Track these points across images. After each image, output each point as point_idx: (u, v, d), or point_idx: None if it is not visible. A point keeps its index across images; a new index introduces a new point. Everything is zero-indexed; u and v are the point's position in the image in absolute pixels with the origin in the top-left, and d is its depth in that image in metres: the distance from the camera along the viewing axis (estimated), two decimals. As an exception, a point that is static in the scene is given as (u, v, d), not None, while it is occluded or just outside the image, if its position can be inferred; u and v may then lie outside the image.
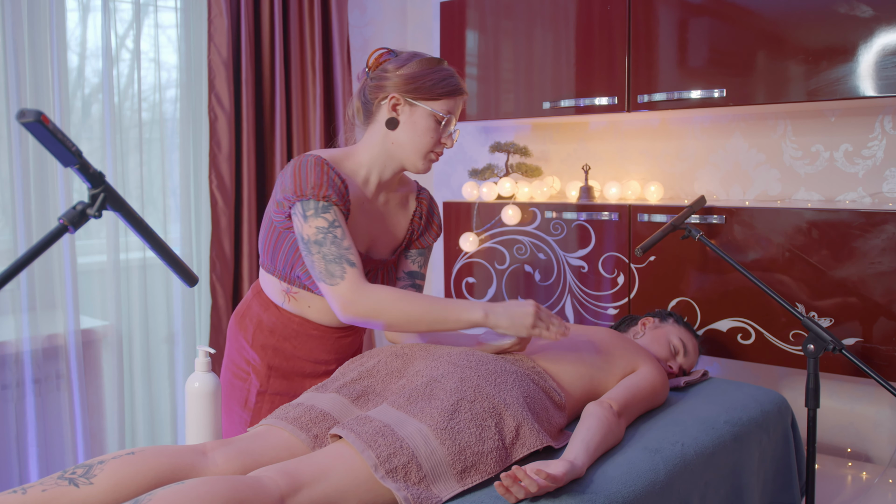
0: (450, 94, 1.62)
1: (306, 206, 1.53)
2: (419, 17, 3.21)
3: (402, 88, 1.60)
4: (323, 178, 1.54)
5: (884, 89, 1.90)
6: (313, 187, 1.53)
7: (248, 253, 2.64)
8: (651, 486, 1.38)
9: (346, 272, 1.50)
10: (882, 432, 2.25)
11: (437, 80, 1.61)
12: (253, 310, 1.73)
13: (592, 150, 2.73)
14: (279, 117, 2.69)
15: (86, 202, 1.12)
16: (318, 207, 1.52)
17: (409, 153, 1.63)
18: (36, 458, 2.20)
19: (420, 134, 1.61)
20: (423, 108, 1.60)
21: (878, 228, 1.92)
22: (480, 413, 1.35)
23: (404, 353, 1.58)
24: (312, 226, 1.52)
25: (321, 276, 1.52)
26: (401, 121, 1.62)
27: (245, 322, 1.73)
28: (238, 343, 1.74)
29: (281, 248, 1.64)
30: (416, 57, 1.63)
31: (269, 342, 1.70)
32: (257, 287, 1.77)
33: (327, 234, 1.51)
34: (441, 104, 1.61)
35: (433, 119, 1.61)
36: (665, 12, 2.23)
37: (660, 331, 1.95)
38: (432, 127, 1.61)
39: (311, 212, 1.53)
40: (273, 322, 1.70)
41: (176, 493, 1.11)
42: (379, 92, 1.63)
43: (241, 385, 1.73)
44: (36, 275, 2.21)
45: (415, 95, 1.60)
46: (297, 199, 1.54)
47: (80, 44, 2.33)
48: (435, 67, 1.62)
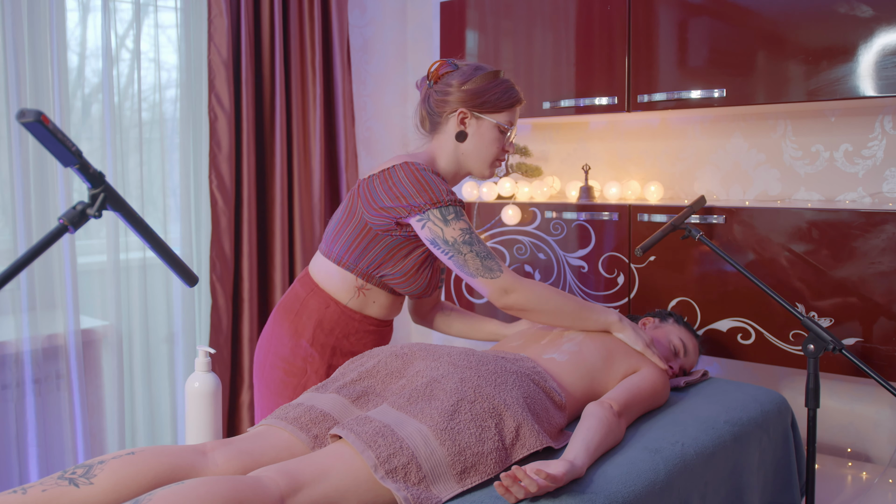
0: (511, 105, 1.77)
1: (445, 212, 1.65)
2: (419, 17, 3.21)
3: (469, 103, 1.75)
4: (442, 184, 1.68)
5: (884, 89, 1.90)
6: (446, 193, 1.66)
7: (247, 253, 2.64)
8: (651, 486, 1.38)
9: (502, 266, 1.67)
10: (882, 432, 2.25)
11: (501, 94, 1.75)
12: (311, 308, 1.77)
13: (592, 150, 2.73)
14: (279, 117, 2.69)
15: (86, 202, 1.12)
16: (456, 212, 1.67)
17: (477, 162, 1.79)
18: (36, 458, 2.20)
19: (487, 145, 1.77)
20: (489, 121, 1.75)
21: (878, 228, 1.92)
22: (480, 413, 1.35)
23: (404, 353, 1.58)
24: (457, 229, 1.65)
25: (477, 272, 1.65)
26: (469, 132, 1.76)
27: (302, 319, 1.77)
28: (292, 341, 1.77)
29: (372, 249, 1.72)
30: (479, 71, 1.77)
31: (328, 341, 1.77)
32: (311, 284, 1.80)
33: (472, 234, 1.67)
34: (504, 115, 1.76)
35: (498, 130, 1.77)
36: (665, 12, 2.23)
37: (660, 331, 1.95)
38: (497, 137, 1.77)
39: (451, 216, 1.65)
40: (334, 320, 1.77)
41: (176, 493, 1.11)
42: (445, 105, 1.77)
43: (292, 381, 1.76)
44: (36, 275, 2.21)
45: (481, 110, 1.75)
46: (430, 207, 1.64)
47: (80, 44, 2.33)
48: (497, 81, 1.77)
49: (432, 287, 1.83)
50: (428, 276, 1.78)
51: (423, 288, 1.79)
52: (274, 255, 2.72)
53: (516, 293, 1.65)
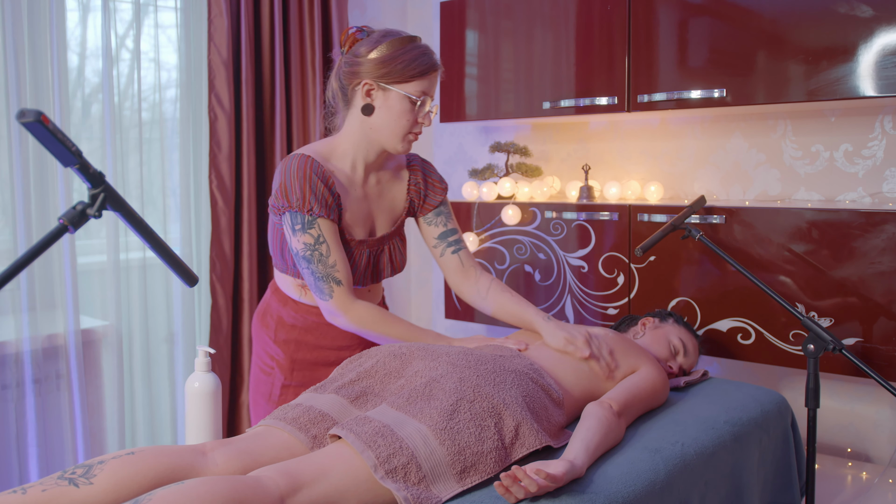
0: (422, 73, 1.62)
1: (294, 218, 1.59)
2: (419, 17, 3.21)
3: (373, 74, 1.61)
4: (306, 186, 1.58)
5: (884, 89, 1.90)
6: (298, 199, 1.58)
7: (247, 253, 2.64)
8: (651, 486, 1.38)
9: (334, 290, 1.61)
10: (882, 432, 2.25)
11: (408, 62, 1.61)
12: (272, 307, 1.79)
13: (592, 150, 2.73)
14: (279, 117, 2.69)
15: (86, 202, 1.12)
16: (304, 222, 1.59)
17: (388, 136, 1.66)
18: (36, 458, 2.20)
19: (396, 117, 1.63)
20: (397, 91, 1.62)
21: (878, 228, 1.91)
22: (480, 413, 1.35)
23: (402, 353, 1.58)
24: (300, 241, 1.59)
25: (312, 289, 1.63)
26: (376, 105, 1.64)
27: (267, 319, 1.79)
28: (262, 340, 1.81)
29: (287, 247, 1.68)
30: (386, 37, 1.63)
31: (291, 336, 1.76)
32: (274, 285, 1.83)
33: (314, 251, 1.59)
34: (414, 85, 1.62)
35: (408, 101, 1.63)
36: (665, 12, 2.23)
37: (660, 331, 1.95)
38: (408, 109, 1.63)
39: (298, 226, 1.59)
40: (293, 317, 1.76)
41: (176, 493, 1.11)
42: (353, 77, 1.65)
43: (266, 379, 1.79)
44: (36, 275, 2.21)
45: (387, 80, 1.61)
46: (285, 209, 1.60)
47: (80, 44, 2.33)
48: (406, 48, 1.62)
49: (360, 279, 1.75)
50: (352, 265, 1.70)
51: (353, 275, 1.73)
52: (274, 255, 2.72)
53: (343, 318, 1.64)
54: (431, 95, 1.66)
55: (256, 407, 1.83)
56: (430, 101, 1.66)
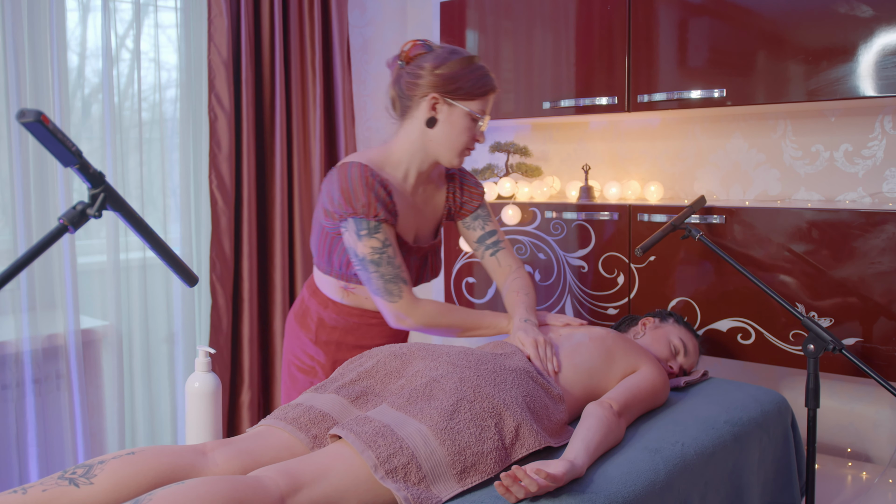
0: (485, 93, 1.69)
1: (359, 224, 1.62)
2: (419, 17, 3.21)
3: (441, 88, 1.66)
4: (371, 194, 1.63)
5: (884, 89, 1.90)
6: (364, 206, 1.62)
7: (247, 253, 2.64)
8: (651, 486, 1.38)
9: (403, 291, 1.65)
10: (882, 432, 2.25)
11: (475, 80, 1.67)
12: (312, 309, 1.84)
13: (592, 150, 2.73)
14: (279, 117, 2.69)
15: (86, 202, 1.12)
16: (370, 227, 1.62)
17: (446, 150, 1.71)
18: (36, 458, 2.20)
19: (457, 132, 1.69)
20: (461, 108, 1.67)
21: (878, 228, 1.92)
22: (480, 413, 1.35)
23: (403, 353, 1.58)
24: (367, 245, 1.62)
25: (379, 293, 1.66)
26: (439, 119, 1.69)
27: (306, 321, 1.84)
28: (300, 341, 1.85)
29: (335, 251, 1.72)
30: (453, 55, 1.68)
31: (332, 338, 1.81)
32: (312, 287, 1.86)
33: (382, 254, 1.63)
34: (477, 104, 1.69)
35: (469, 118, 1.69)
36: (665, 12, 2.23)
37: (660, 331, 1.95)
38: (469, 126, 1.70)
39: (364, 231, 1.62)
40: (334, 318, 1.80)
41: (176, 493, 1.11)
42: (416, 89, 1.68)
43: (305, 378, 1.84)
44: (36, 275, 2.21)
45: (453, 96, 1.67)
46: (349, 216, 1.62)
47: (80, 44, 2.33)
48: (472, 66, 1.68)
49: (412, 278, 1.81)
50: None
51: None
52: (274, 255, 2.72)
53: (409, 320, 1.68)
54: (488, 115, 1.73)
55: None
56: (487, 120, 1.73)
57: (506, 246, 1.91)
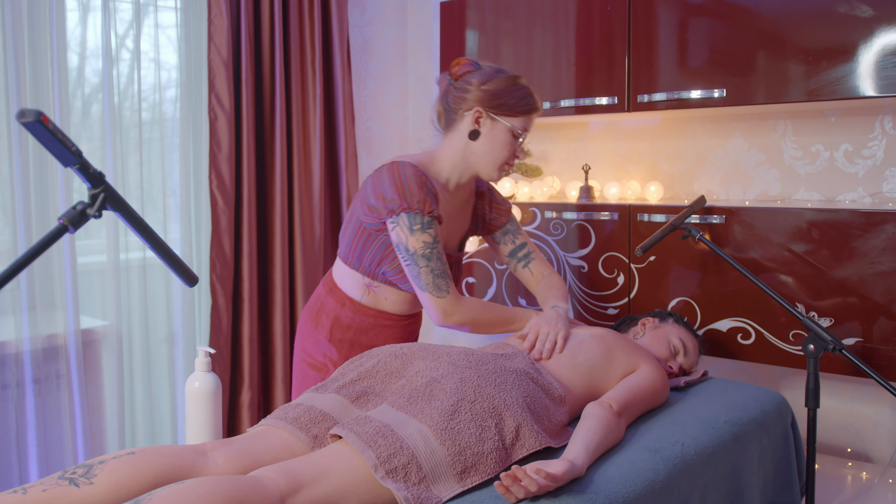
0: (528, 111, 1.76)
1: (413, 219, 1.66)
2: (419, 17, 3.21)
3: (486, 103, 1.73)
4: (426, 192, 1.68)
5: (884, 89, 1.90)
6: (419, 202, 1.66)
7: (247, 253, 2.64)
8: (651, 486, 1.38)
9: (450, 287, 1.69)
10: (882, 432, 2.25)
11: (519, 98, 1.74)
12: (328, 306, 1.86)
13: (592, 150, 2.73)
14: (279, 117, 2.69)
15: (86, 202, 1.13)
16: (424, 223, 1.66)
17: (486, 164, 1.77)
18: (36, 458, 2.20)
19: (498, 147, 1.75)
20: (504, 123, 1.74)
21: (878, 228, 1.92)
22: (480, 413, 1.35)
23: (403, 353, 1.58)
24: (420, 240, 1.66)
25: (426, 288, 1.68)
26: (482, 132, 1.75)
27: (321, 318, 1.86)
28: (314, 337, 1.88)
29: (369, 248, 1.76)
30: (500, 73, 1.76)
31: (346, 337, 1.84)
32: (330, 283, 1.89)
33: (433, 249, 1.67)
34: (520, 121, 1.75)
35: (511, 134, 1.75)
36: (665, 12, 2.23)
37: (660, 331, 1.95)
38: (509, 141, 1.75)
39: (418, 226, 1.66)
40: (350, 317, 1.83)
41: (176, 493, 1.11)
42: (462, 103, 1.76)
43: (317, 374, 1.88)
44: (36, 275, 2.21)
45: (497, 111, 1.74)
46: (402, 210, 1.66)
47: (80, 44, 2.33)
48: (517, 85, 1.75)
49: None
50: None
51: None
52: (274, 255, 2.72)
53: (456, 316, 1.71)
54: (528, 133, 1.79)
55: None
56: (528, 138, 1.78)
57: (536, 256, 1.99)
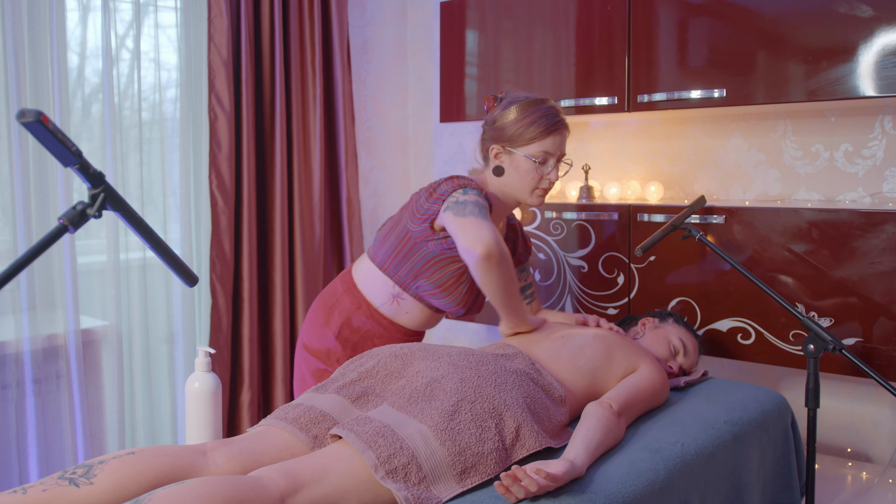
0: (542, 135, 1.76)
1: (467, 191, 1.71)
2: (419, 17, 3.21)
3: (498, 140, 1.80)
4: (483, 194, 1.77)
5: (884, 89, 1.90)
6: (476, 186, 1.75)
7: (247, 253, 2.64)
8: (651, 486, 1.38)
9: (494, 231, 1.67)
10: (882, 432, 2.25)
11: (527, 125, 1.76)
12: (343, 304, 1.89)
13: (592, 150, 2.73)
14: (279, 117, 2.69)
15: (86, 202, 1.13)
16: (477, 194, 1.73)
17: (519, 192, 1.82)
18: (36, 458, 2.20)
19: (523, 176, 1.79)
20: (518, 154, 1.77)
21: (878, 228, 1.92)
22: (480, 414, 1.35)
23: (404, 353, 1.58)
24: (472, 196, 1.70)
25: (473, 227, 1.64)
26: (504, 167, 1.80)
27: (333, 314, 1.89)
28: (321, 329, 1.91)
29: (411, 258, 1.79)
30: (513, 103, 1.79)
31: (352, 338, 1.87)
32: (349, 282, 1.91)
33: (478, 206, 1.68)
34: (534, 147, 1.77)
35: (530, 161, 1.77)
36: (665, 12, 2.23)
37: (660, 331, 1.95)
38: (532, 167, 1.78)
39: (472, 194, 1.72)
40: (362, 321, 1.86)
41: (176, 494, 1.11)
42: (483, 143, 1.85)
43: (316, 361, 1.91)
44: (36, 275, 2.21)
45: (510, 144, 1.78)
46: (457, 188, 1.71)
47: (80, 44, 2.33)
48: (527, 112, 1.77)
49: (467, 304, 1.88)
50: (463, 292, 1.83)
51: (457, 303, 1.85)
52: (274, 255, 2.72)
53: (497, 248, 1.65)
54: (557, 153, 1.79)
55: (302, 383, 1.95)
56: (553, 160, 1.79)
57: (536, 292, 2.11)
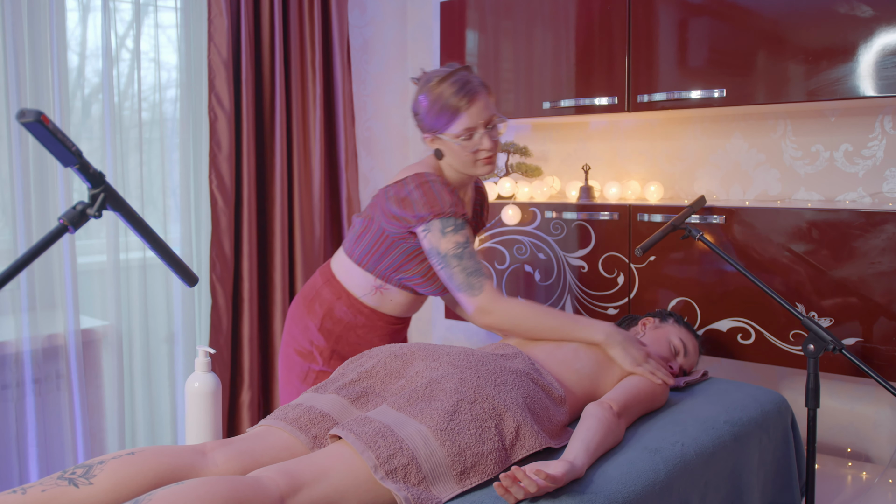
0: (454, 116, 1.72)
1: (445, 223, 1.69)
2: (419, 17, 3.21)
3: (423, 129, 1.78)
4: (455, 198, 1.72)
5: (884, 89, 1.90)
6: (451, 205, 1.70)
7: (247, 253, 2.64)
8: (651, 486, 1.38)
9: (485, 284, 1.69)
10: (882, 432, 2.25)
11: (437, 112, 1.72)
12: (323, 296, 1.88)
13: (592, 150, 2.73)
14: (279, 117, 2.69)
15: (86, 202, 1.13)
16: (456, 224, 1.70)
17: (463, 168, 1.78)
18: (36, 458, 2.20)
19: (458, 154, 1.75)
20: (444, 138, 1.74)
21: (878, 228, 1.91)
22: (480, 414, 1.35)
23: (403, 353, 1.58)
24: (452, 241, 1.69)
25: (461, 288, 1.70)
26: (441, 149, 1.78)
27: (314, 307, 1.88)
28: (304, 324, 1.90)
29: (390, 254, 1.79)
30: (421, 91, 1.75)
31: (335, 329, 1.86)
32: (328, 274, 1.91)
33: (465, 249, 1.70)
34: (454, 128, 1.72)
35: (458, 141, 1.73)
36: (665, 12, 2.22)
37: (660, 331, 1.95)
38: (463, 144, 1.74)
39: (450, 228, 1.69)
40: (344, 311, 1.86)
41: (176, 494, 1.11)
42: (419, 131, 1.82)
43: (303, 362, 1.89)
44: (36, 275, 2.21)
45: (433, 132, 1.75)
46: (433, 217, 1.69)
47: (80, 44, 2.33)
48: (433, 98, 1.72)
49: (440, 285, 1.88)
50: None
51: (443, 289, 1.86)
52: (274, 255, 2.72)
53: (494, 315, 1.70)
54: (480, 123, 1.72)
55: (288, 386, 1.93)
56: (480, 130, 1.73)
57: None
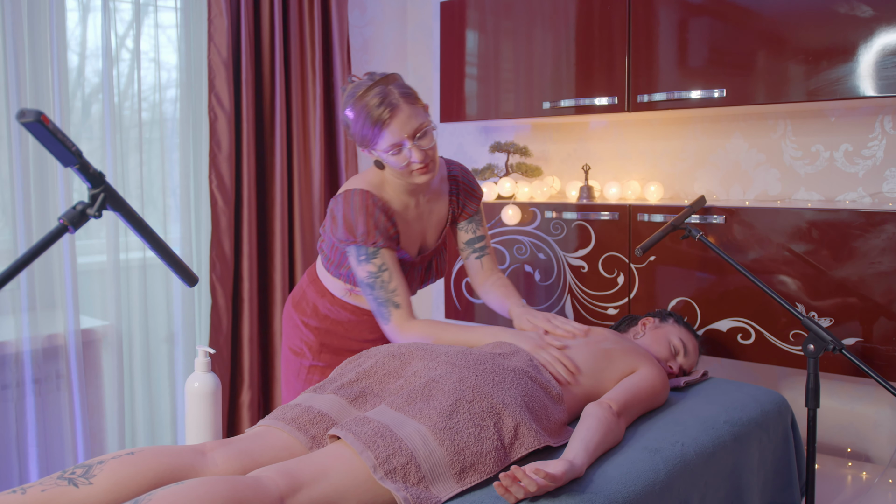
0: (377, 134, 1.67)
1: (359, 251, 1.73)
2: (419, 17, 3.21)
3: (356, 143, 1.74)
4: (370, 221, 1.71)
5: (884, 89, 1.90)
6: (363, 234, 1.71)
7: (247, 253, 2.64)
8: (651, 486, 1.38)
9: (392, 314, 1.73)
10: (882, 432, 2.25)
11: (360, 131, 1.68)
12: (308, 296, 1.94)
13: (592, 150, 2.73)
14: (279, 117, 2.69)
15: (86, 202, 1.13)
16: (368, 254, 1.72)
17: (401, 178, 1.76)
18: (36, 458, 2.20)
19: (392, 166, 1.73)
20: (376, 153, 1.72)
21: (878, 228, 1.91)
22: (479, 413, 1.35)
23: (402, 353, 1.58)
24: (364, 270, 1.73)
25: (374, 313, 1.77)
26: (379, 159, 1.75)
27: (302, 305, 1.94)
28: (294, 324, 1.96)
29: (346, 262, 1.82)
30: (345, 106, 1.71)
31: (322, 325, 1.92)
32: (313, 275, 1.97)
33: (376, 278, 1.73)
34: (381, 144, 1.68)
35: (388, 155, 1.70)
36: (665, 12, 2.22)
37: (660, 331, 1.95)
38: (396, 158, 1.70)
39: (363, 257, 1.72)
40: (328, 308, 1.91)
41: (175, 494, 1.11)
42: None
43: (296, 359, 1.95)
44: (36, 275, 2.21)
45: (364, 148, 1.73)
46: (350, 244, 1.72)
47: (80, 44, 2.33)
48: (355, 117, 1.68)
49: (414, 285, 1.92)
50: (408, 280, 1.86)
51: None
52: (274, 255, 2.72)
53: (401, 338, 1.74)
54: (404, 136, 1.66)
55: (287, 384, 1.98)
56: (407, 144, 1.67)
57: (491, 252, 2.00)
